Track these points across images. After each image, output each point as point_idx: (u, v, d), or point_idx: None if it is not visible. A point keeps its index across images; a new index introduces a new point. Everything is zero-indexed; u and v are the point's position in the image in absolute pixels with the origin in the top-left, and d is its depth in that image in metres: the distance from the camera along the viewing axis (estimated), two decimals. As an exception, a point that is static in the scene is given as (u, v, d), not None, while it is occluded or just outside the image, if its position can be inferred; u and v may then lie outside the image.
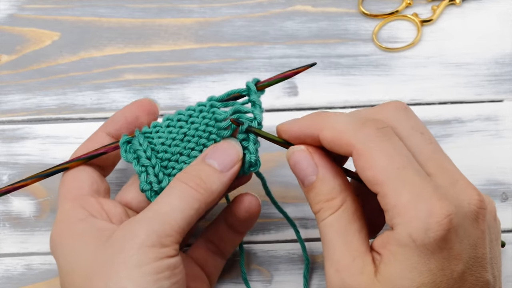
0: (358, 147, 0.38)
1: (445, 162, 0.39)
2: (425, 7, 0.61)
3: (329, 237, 0.39)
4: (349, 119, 0.39)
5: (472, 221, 0.38)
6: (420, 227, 0.35)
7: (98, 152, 0.46)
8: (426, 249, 0.36)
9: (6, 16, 0.60)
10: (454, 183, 0.38)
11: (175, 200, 0.41)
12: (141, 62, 0.59)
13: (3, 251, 0.53)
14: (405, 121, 0.40)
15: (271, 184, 0.51)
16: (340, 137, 0.39)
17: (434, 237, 0.35)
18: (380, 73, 0.58)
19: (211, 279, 0.49)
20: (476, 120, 0.57)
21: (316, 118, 0.41)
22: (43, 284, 0.52)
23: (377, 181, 0.37)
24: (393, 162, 0.37)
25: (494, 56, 0.59)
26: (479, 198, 0.38)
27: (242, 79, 0.58)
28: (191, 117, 0.46)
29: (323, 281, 0.52)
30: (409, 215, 0.36)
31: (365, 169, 0.37)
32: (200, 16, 0.60)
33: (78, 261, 0.41)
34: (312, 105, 0.57)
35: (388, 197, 0.36)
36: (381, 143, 0.37)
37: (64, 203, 0.45)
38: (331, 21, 0.60)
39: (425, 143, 0.39)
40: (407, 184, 0.36)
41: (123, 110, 0.48)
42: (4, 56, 0.59)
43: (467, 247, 0.37)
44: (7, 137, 0.56)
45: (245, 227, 0.49)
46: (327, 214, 0.40)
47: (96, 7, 0.60)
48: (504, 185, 0.55)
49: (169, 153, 0.45)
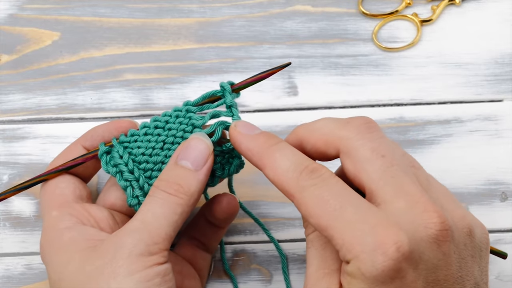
0: (296, 198, 0.38)
1: (404, 184, 0.38)
2: (425, 7, 0.61)
3: (309, 253, 0.40)
4: (290, 166, 0.39)
5: (430, 244, 0.36)
6: (367, 261, 0.35)
7: (77, 162, 0.46)
8: (375, 280, 0.35)
9: (6, 16, 0.60)
10: (412, 206, 0.37)
11: (157, 208, 0.41)
12: (141, 62, 0.59)
13: (3, 250, 0.53)
14: (366, 143, 0.39)
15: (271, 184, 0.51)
16: (281, 183, 0.39)
17: (382, 269, 0.35)
18: (380, 73, 0.58)
19: (201, 274, 0.50)
20: (475, 120, 0.57)
21: (263, 150, 0.40)
22: (43, 284, 0.52)
23: (321, 228, 0.37)
24: (330, 206, 0.36)
25: (494, 56, 0.59)
26: (438, 219, 0.37)
27: (242, 78, 0.58)
28: (168, 123, 0.46)
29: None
30: (356, 250, 0.35)
31: (308, 218, 0.37)
32: (200, 16, 0.60)
33: (66, 270, 0.41)
34: (312, 105, 0.57)
35: (335, 239, 0.36)
36: (316, 190, 0.37)
37: (50, 211, 0.44)
38: (331, 21, 0.60)
39: (384, 167, 0.38)
40: (349, 222, 0.36)
41: (101, 128, 0.48)
42: (4, 56, 0.59)
43: (424, 272, 0.36)
44: (7, 136, 0.56)
45: (225, 223, 0.50)
46: (310, 231, 0.40)
47: (96, 7, 0.60)
48: (503, 185, 0.55)
49: (151, 163, 0.45)
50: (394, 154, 0.39)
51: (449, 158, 0.56)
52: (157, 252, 0.40)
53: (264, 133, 0.42)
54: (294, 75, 0.58)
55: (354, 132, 0.39)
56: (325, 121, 0.41)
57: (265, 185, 0.53)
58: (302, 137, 0.41)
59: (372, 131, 0.39)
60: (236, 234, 0.54)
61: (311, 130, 0.41)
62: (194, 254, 0.50)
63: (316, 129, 0.41)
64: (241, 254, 0.53)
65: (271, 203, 0.54)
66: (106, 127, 0.48)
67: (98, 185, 0.55)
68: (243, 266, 0.53)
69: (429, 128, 0.57)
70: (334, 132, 0.40)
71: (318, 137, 0.40)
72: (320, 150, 0.40)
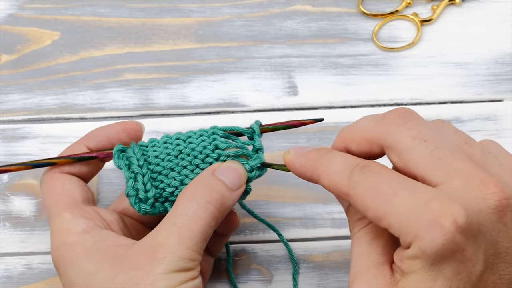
0: (351, 195, 0.38)
1: (455, 163, 0.38)
2: (425, 7, 0.61)
3: (354, 250, 0.40)
4: (341, 168, 0.39)
5: (490, 216, 0.36)
6: (426, 238, 0.35)
7: (91, 155, 0.46)
8: (437, 256, 0.35)
9: (6, 16, 0.60)
10: (466, 182, 0.37)
11: (195, 221, 0.41)
12: (141, 61, 0.59)
13: (3, 250, 0.53)
14: (405, 133, 0.39)
15: (271, 184, 0.51)
16: (336, 187, 0.39)
17: (442, 243, 0.35)
18: (380, 72, 0.58)
19: (204, 277, 0.50)
20: (476, 120, 0.57)
21: (314, 163, 0.41)
22: (43, 284, 0.52)
23: (379, 218, 0.37)
24: (382, 193, 0.37)
25: (494, 56, 0.59)
26: (497, 189, 0.36)
27: (242, 78, 0.58)
28: (190, 138, 0.46)
29: (321, 280, 0.52)
30: (414, 230, 0.35)
31: (365, 212, 0.38)
32: (200, 16, 0.60)
33: (95, 278, 0.41)
34: (312, 105, 0.57)
35: (393, 225, 0.36)
36: (367, 183, 0.38)
37: (61, 212, 0.44)
38: (331, 20, 0.60)
39: (429, 151, 0.38)
40: (403, 205, 0.36)
41: (107, 128, 0.47)
42: (4, 55, 0.59)
43: (483, 245, 0.36)
44: (7, 136, 0.56)
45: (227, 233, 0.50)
46: (356, 230, 0.41)
47: (96, 7, 0.60)
48: (504, 185, 0.55)
49: (161, 166, 0.45)
50: (438, 136, 0.39)
51: (449, 158, 0.56)
52: (194, 267, 0.41)
53: (314, 149, 0.42)
54: (294, 75, 0.58)
55: (391, 125, 0.39)
56: (364, 120, 0.41)
57: (267, 185, 0.53)
58: (346, 140, 0.42)
59: (408, 120, 0.39)
60: (236, 234, 0.53)
61: (353, 131, 0.41)
62: None
63: (357, 129, 0.41)
64: (241, 254, 0.53)
65: (272, 202, 0.54)
66: (112, 128, 0.47)
67: (98, 184, 0.55)
68: (243, 266, 0.53)
69: (429, 128, 0.57)
70: (373, 130, 0.40)
71: (360, 138, 0.41)
72: (365, 150, 0.41)
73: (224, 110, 0.57)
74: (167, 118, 0.57)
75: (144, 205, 0.44)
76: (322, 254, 0.53)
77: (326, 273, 0.52)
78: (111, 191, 0.52)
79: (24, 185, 0.55)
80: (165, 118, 0.57)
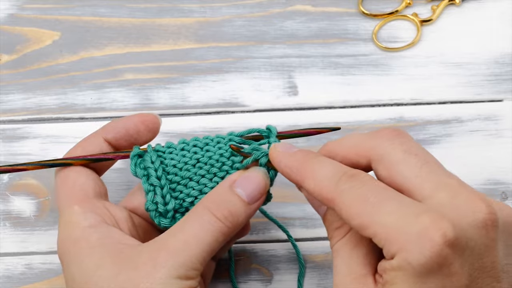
0: (336, 202, 0.38)
1: (443, 178, 0.38)
2: (425, 7, 0.61)
3: (335, 262, 0.40)
4: (328, 174, 0.40)
5: (479, 230, 0.37)
6: (414, 249, 0.35)
7: (107, 157, 0.45)
8: (423, 269, 0.35)
9: (6, 16, 0.60)
10: (453, 197, 0.37)
11: (202, 232, 0.41)
12: (141, 61, 0.59)
13: (3, 250, 0.53)
14: (398, 146, 0.40)
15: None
16: (321, 192, 0.39)
17: (430, 255, 0.35)
18: (380, 72, 0.58)
19: (205, 281, 0.50)
20: (476, 120, 0.57)
21: (301, 164, 0.41)
22: (43, 284, 0.52)
23: (364, 227, 0.37)
24: (370, 203, 0.37)
25: (494, 56, 0.59)
26: (485, 204, 0.37)
27: (242, 78, 0.58)
28: (207, 145, 0.46)
29: (321, 280, 0.52)
30: (401, 241, 0.35)
31: (350, 221, 0.38)
32: (200, 16, 0.60)
33: (95, 275, 0.41)
34: (312, 105, 0.57)
35: (378, 234, 0.36)
36: (355, 191, 0.38)
37: (71, 205, 0.43)
38: (331, 20, 0.60)
39: (420, 164, 0.39)
40: (391, 215, 0.36)
41: (125, 120, 0.47)
42: (5, 55, 0.59)
43: (469, 259, 0.36)
44: (8, 136, 0.56)
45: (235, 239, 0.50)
46: (335, 241, 0.41)
47: (96, 7, 0.61)
48: (503, 185, 0.55)
49: (179, 176, 0.45)
50: (427, 153, 0.40)
51: (449, 158, 0.55)
52: (194, 277, 0.41)
53: (302, 150, 0.42)
54: (294, 75, 0.58)
55: (384, 139, 0.40)
56: (354, 134, 0.42)
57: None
58: (331, 151, 0.42)
59: (401, 136, 0.40)
60: (236, 234, 0.53)
61: (340, 144, 0.42)
62: None
63: (346, 142, 0.42)
64: (241, 254, 0.53)
65: (272, 202, 0.54)
66: (130, 119, 0.47)
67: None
68: (243, 266, 0.53)
69: (429, 128, 0.57)
70: (364, 142, 0.41)
71: (348, 149, 0.41)
72: (351, 161, 0.41)
73: (224, 110, 0.57)
74: (167, 118, 0.57)
75: (164, 219, 0.44)
76: (322, 254, 0.53)
77: (326, 273, 0.52)
78: (112, 190, 0.52)
79: (24, 185, 0.55)
80: (165, 118, 0.57)
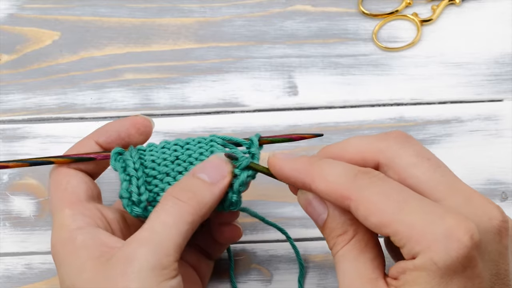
0: (354, 198, 0.38)
1: (455, 183, 0.39)
2: (425, 7, 0.61)
3: (341, 267, 0.39)
4: (342, 172, 0.39)
5: (494, 236, 0.37)
6: (441, 249, 0.35)
7: (88, 156, 0.46)
8: (448, 269, 0.35)
9: (6, 16, 0.60)
10: (468, 201, 0.37)
11: (168, 217, 0.41)
12: (141, 61, 0.59)
13: (3, 250, 0.53)
14: (409, 150, 0.39)
15: (271, 184, 0.51)
16: (335, 190, 0.39)
17: (456, 256, 0.34)
18: (380, 72, 0.58)
19: (203, 281, 0.50)
20: (476, 120, 0.57)
21: (308, 166, 0.40)
22: (43, 284, 0.52)
23: (383, 224, 0.36)
24: (393, 200, 0.36)
25: (494, 56, 0.59)
26: (499, 211, 0.37)
27: (242, 78, 0.58)
28: (188, 144, 0.46)
29: (321, 280, 0.52)
30: (427, 240, 0.35)
31: (368, 217, 0.37)
32: (200, 16, 0.60)
33: (80, 278, 0.40)
34: (312, 104, 0.57)
35: (401, 233, 0.36)
36: (376, 187, 0.37)
37: (62, 208, 0.44)
38: (331, 20, 0.60)
39: (433, 168, 0.39)
40: (415, 214, 0.36)
41: (117, 124, 0.47)
42: (4, 55, 0.59)
43: (488, 264, 0.36)
44: (8, 136, 0.56)
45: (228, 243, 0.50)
46: (339, 247, 0.40)
47: (96, 7, 0.61)
48: (503, 185, 0.55)
49: (157, 170, 0.45)
50: (437, 158, 0.40)
51: (449, 158, 0.55)
52: (169, 265, 0.39)
53: (305, 155, 0.42)
54: (294, 75, 0.58)
55: (393, 142, 0.40)
56: (358, 138, 0.41)
57: (264, 184, 0.53)
58: (335, 155, 0.41)
59: (410, 140, 0.40)
60: (236, 234, 0.53)
61: (343, 148, 0.41)
62: (198, 261, 0.49)
63: (350, 145, 0.41)
64: (241, 253, 0.53)
65: (270, 202, 0.54)
66: (122, 123, 0.47)
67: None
68: (243, 266, 0.53)
69: (429, 128, 0.57)
70: (372, 145, 0.40)
71: (354, 153, 0.40)
72: (358, 164, 0.40)
73: (224, 110, 0.57)
74: (167, 118, 0.57)
75: (136, 207, 0.44)
76: (322, 254, 0.53)
77: (326, 273, 0.52)
78: (110, 191, 0.52)
79: (24, 185, 0.55)
80: (165, 118, 0.57)
